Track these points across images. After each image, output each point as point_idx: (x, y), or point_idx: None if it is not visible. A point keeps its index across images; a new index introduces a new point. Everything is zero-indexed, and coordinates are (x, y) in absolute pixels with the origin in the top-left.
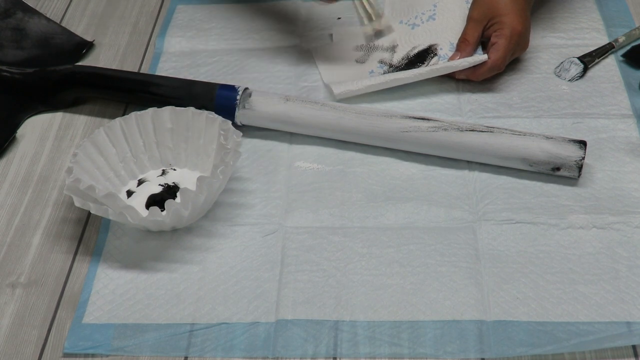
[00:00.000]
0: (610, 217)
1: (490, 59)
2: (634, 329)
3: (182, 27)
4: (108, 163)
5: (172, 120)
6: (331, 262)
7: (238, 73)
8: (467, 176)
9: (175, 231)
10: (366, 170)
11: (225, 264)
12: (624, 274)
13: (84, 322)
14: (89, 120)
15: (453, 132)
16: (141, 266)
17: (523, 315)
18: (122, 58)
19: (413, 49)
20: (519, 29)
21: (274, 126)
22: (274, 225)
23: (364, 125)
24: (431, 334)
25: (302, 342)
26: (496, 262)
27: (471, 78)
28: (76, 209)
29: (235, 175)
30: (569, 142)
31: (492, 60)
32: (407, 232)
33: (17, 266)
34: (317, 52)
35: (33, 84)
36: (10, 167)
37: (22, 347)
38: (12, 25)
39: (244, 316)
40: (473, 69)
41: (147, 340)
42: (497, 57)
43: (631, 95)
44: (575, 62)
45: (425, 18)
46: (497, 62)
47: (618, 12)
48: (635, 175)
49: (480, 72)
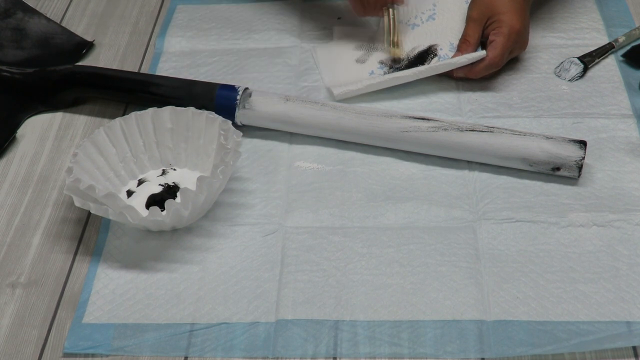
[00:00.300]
0: (611, 214)
1: (488, 56)
2: (634, 329)
3: (182, 27)
4: (108, 163)
5: (172, 120)
6: (331, 262)
7: (238, 73)
8: (467, 176)
9: (175, 231)
10: (366, 170)
11: (225, 264)
12: (625, 272)
13: (84, 322)
14: (89, 120)
15: (453, 132)
16: (141, 266)
17: (523, 314)
18: (122, 58)
19: (413, 50)
20: (517, 27)
21: (274, 126)
22: (274, 225)
23: (364, 125)
24: (431, 333)
25: (302, 342)
26: (496, 261)
27: (469, 76)
28: (76, 209)
29: (235, 175)
30: (569, 142)
31: (489, 57)
32: (407, 232)
33: (17, 266)
34: (317, 52)
35: (33, 84)
36: (10, 167)
37: (22, 347)
38: (12, 25)
39: (244, 316)
40: (470, 66)
41: (147, 340)
42: (495, 55)
43: (631, 95)
44: (575, 62)
45: (425, 18)
46: (494, 59)
47: (618, 12)
48: (635, 175)
49: (477, 69)
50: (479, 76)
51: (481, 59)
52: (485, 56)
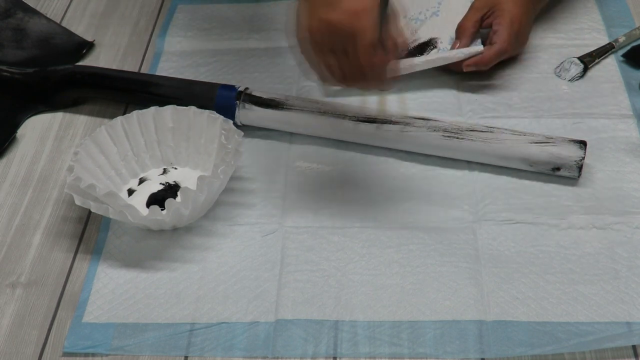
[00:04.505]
0: (610, 217)
1: (497, 43)
2: (634, 329)
3: (182, 27)
4: (109, 161)
5: (174, 119)
6: (331, 262)
7: (238, 73)
8: (467, 176)
9: (175, 230)
10: (366, 170)
11: (225, 263)
12: (624, 274)
13: (83, 321)
14: (89, 120)
15: (453, 132)
16: (141, 265)
17: (523, 315)
18: (122, 58)
19: (414, 42)
20: (519, 16)
21: (274, 126)
22: (273, 225)
23: (364, 125)
24: (431, 334)
25: (302, 342)
26: (496, 262)
27: (480, 66)
28: (77, 208)
29: (236, 174)
30: (569, 142)
31: (499, 43)
32: (407, 232)
33: (17, 266)
34: None
35: (33, 84)
36: (10, 167)
37: (22, 347)
38: (12, 25)
39: (243, 316)
40: (480, 56)
41: (147, 339)
42: (503, 40)
43: (631, 95)
44: (575, 62)
45: (429, 14)
46: (503, 45)
47: (618, 12)
48: (635, 175)
49: (488, 57)
50: (491, 64)
51: (491, 47)
52: (482, 50)
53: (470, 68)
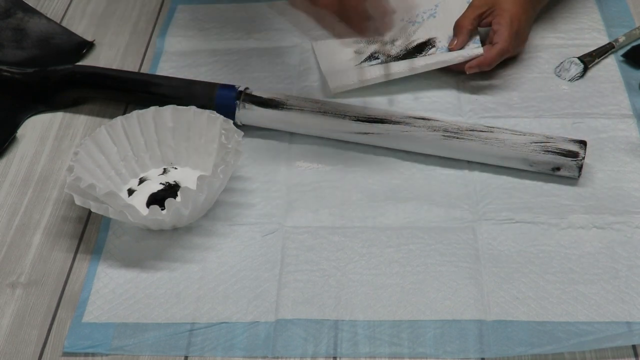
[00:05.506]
0: (611, 217)
1: (499, 43)
2: (634, 328)
3: (182, 27)
4: (109, 161)
5: (174, 119)
6: (331, 261)
7: (238, 73)
8: (467, 176)
9: (175, 230)
10: (366, 170)
11: (225, 263)
12: (624, 273)
13: (83, 321)
14: (89, 120)
15: (453, 132)
16: (141, 265)
17: (523, 315)
18: (122, 58)
19: (412, 42)
20: (518, 15)
21: (274, 126)
22: (273, 225)
23: (364, 125)
24: (431, 333)
25: (302, 342)
26: (496, 261)
27: (483, 67)
28: (77, 208)
29: (236, 174)
30: (569, 142)
31: (500, 43)
32: (407, 232)
33: (17, 266)
34: (317, 43)
35: (33, 84)
36: (10, 167)
37: (22, 347)
38: (12, 25)
39: (243, 316)
40: (482, 58)
41: (147, 339)
42: (504, 40)
43: (631, 95)
44: (575, 62)
45: (427, 16)
46: (505, 44)
47: (618, 12)
48: (635, 175)
49: (490, 57)
50: (493, 65)
51: (492, 47)
52: (482, 53)
53: (473, 70)
